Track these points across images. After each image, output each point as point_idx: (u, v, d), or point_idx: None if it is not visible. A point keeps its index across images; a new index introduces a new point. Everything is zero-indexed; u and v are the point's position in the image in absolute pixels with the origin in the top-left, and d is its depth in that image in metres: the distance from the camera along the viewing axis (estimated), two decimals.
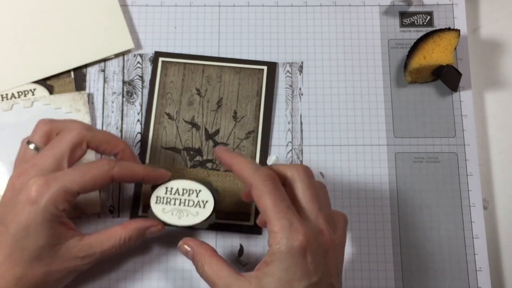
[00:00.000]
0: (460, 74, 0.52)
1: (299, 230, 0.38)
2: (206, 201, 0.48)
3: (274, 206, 0.39)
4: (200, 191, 0.49)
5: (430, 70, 0.53)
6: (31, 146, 0.45)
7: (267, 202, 0.39)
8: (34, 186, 0.41)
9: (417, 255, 0.50)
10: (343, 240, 0.42)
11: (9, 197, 0.42)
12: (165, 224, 0.47)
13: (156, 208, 0.48)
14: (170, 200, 0.48)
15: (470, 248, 0.51)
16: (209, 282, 0.41)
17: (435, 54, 0.52)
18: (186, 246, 0.44)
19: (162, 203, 0.48)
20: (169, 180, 0.48)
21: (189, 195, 0.49)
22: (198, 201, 0.48)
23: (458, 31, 0.53)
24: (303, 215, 0.40)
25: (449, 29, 0.53)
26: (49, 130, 0.45)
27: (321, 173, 0.52)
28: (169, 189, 0.48)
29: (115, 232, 0.45)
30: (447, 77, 0.53)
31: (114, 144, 0.46)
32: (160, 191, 0.48)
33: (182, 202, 0.48)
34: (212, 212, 0.48)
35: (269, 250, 0.38)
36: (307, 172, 0.42)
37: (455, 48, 0.53)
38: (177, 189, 0.49)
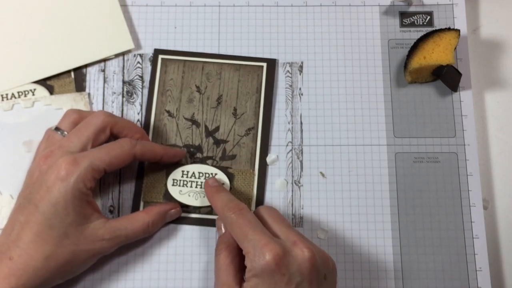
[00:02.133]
0: (460, 74, 0.52)
1: (268, 246, 0.40)
2: (223, 183, 0.49)
3: (241, 232, 0.42)
4: (216, 174, 0.49)
5: (430, 70, 0.53)
6: (59, 132, 0.46)
7: (234, 231, 0.43)
8: (63, 165, 0.42)
9: (417, 255, 0.50)
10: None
11: (37, 177, 0.44)
12: (182, 205, 0.49)
13: (173, 190, 0.49)
14: (187, 183, 0.49)
15: (470, 248, 0.50)
16: (215, 267, 0.44)
17: (435, 54, 0.52)
18: (222, 225, 0.47)
19: (179, 185, 0.49)
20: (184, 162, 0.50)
21: (205, 178, 0.49)
22: None
23: (458, 31, 0.53)
24: (274, 235, 0.42)
25: (449, 29, 0.53)
26: (78, 119, 0.47)
27: (321, 173, 0.52)
28: (185, 172, 0.49)
29: (139, 217, 0.47)
30: (447, 77, 0.53)
31: (134, 130, 0.49)
32: (176, 174, 0.49)
33: (198, 185, 0.49)
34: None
35: (246, 268, 0.41)
36: (270, 207, 0.47)
37: (455, 48, 0.53)
38: (193, 173, 0.49)
